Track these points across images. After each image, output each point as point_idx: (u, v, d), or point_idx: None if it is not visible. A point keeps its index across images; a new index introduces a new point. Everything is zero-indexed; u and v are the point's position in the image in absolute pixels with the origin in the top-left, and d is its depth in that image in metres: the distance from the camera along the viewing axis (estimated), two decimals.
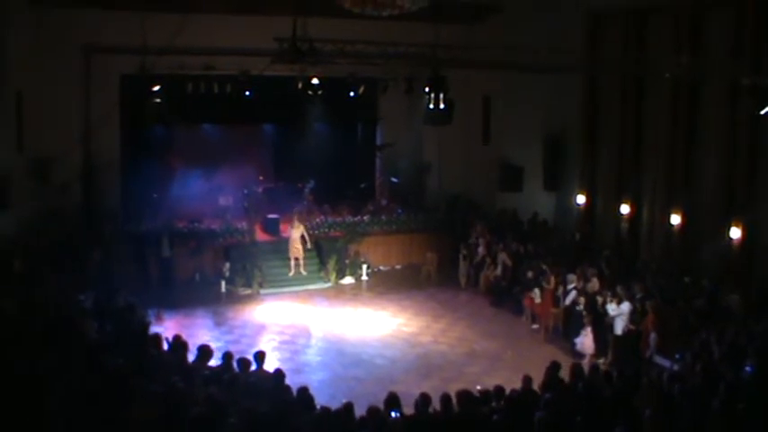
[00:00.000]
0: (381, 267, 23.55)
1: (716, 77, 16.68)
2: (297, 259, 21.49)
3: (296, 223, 21.56)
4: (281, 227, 22.71)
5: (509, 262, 20.24)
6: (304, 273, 21.55)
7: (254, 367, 10.73)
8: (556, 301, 17.60)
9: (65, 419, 7.76)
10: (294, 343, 17.20)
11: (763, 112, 13.51)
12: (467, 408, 9.10)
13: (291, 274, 21.50)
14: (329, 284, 21.76)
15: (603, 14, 20.54)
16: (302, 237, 21.38)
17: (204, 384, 9.42)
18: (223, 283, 20.68)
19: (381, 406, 8.98)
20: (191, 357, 11.04)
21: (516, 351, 16.57)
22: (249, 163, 24.88)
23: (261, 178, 25.34)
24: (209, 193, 23.10)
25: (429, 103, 15.68)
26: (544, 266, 18.35)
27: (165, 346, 11.42)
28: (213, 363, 10.82)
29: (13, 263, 15.75)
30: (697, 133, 17.86)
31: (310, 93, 20.60)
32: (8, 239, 17.28)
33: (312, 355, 16.62)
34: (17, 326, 11.27)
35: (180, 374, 9.71)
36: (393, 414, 8.79)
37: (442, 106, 15.66)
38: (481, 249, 21.57)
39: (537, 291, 17.90)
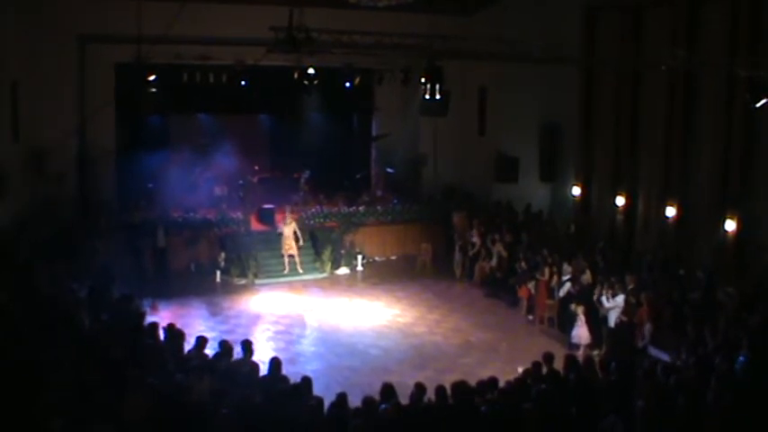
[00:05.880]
0: (376, 258, 23.57)
1: (712, 70, 16.66)
2: (291, 256, 21.23)
3: (288, 219, 21.24)
4: (277, 217, 22.60)
5: (504, 253, 20.25)
6: (301, 270, 21.30)
7: (239, 354, 10.68)
8: (550, 293, 17.66)
9: (60, 410, 7.76)
10: (289, 333, 17.21)
11: (758, 105, 13.52)
12: (462, 399, 9.12)
13: (286, 271, 21.23)
14: (324, 275, 21.76)
15: (600, 6, 20.50)
16: (294, 233, 21.12)
17: (199, 374, 9.42)
18: (218, 273, 20.71)
19: (376, 396, 9.01)
20: (187, 347, 11.06)
21: (511, 342, 16.61)
22: (245, 153, 24.87)
23: (256, 168, 25.33)
24: (204, 183, 23.11)
25: (425, 93, 15.67)
26: (539, 258, 18.39)
27: (162, 336, 11.44)
28: (208, 352, 10.85)
29: (9, 253, 15.70)
30: (693, 126, 17.84)
31: (306, 83, 20.52)
32: (3, 230, 17.24)
33: (307, 345, 16.62)
34: (12, 316, 11.26)
35: (175, 364, 9.73)
36: (382, 407, 8.80)
37: (437, 97, 15.66)
38: (476, 240, 21.59)
39: (533, 282, 17.96)
